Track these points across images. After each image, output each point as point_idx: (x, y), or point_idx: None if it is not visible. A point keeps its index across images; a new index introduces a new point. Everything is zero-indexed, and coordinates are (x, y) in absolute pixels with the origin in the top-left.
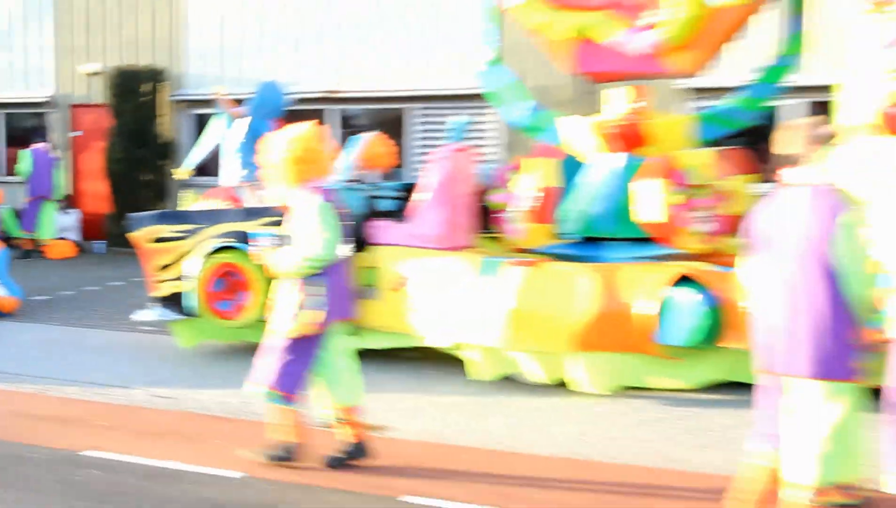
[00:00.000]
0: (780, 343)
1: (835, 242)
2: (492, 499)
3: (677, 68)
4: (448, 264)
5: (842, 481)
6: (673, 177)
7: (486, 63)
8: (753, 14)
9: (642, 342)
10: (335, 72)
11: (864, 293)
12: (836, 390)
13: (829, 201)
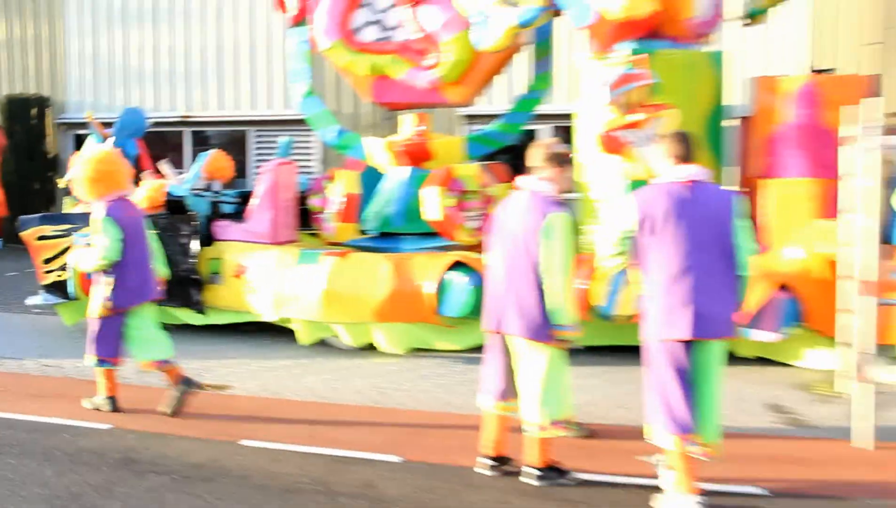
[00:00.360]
0: (501, 310)
1: (540, 235)
2: (309, 440)
3: (453, 99)
4: (276, 254)
5: (559, 417)
6: (450, 185)
7: (302, 95)
8: (512, 56)
9: (428, 313)
10: (188, 100)
11: (551, 283)
12: (540, 348)
13: (542, 204)
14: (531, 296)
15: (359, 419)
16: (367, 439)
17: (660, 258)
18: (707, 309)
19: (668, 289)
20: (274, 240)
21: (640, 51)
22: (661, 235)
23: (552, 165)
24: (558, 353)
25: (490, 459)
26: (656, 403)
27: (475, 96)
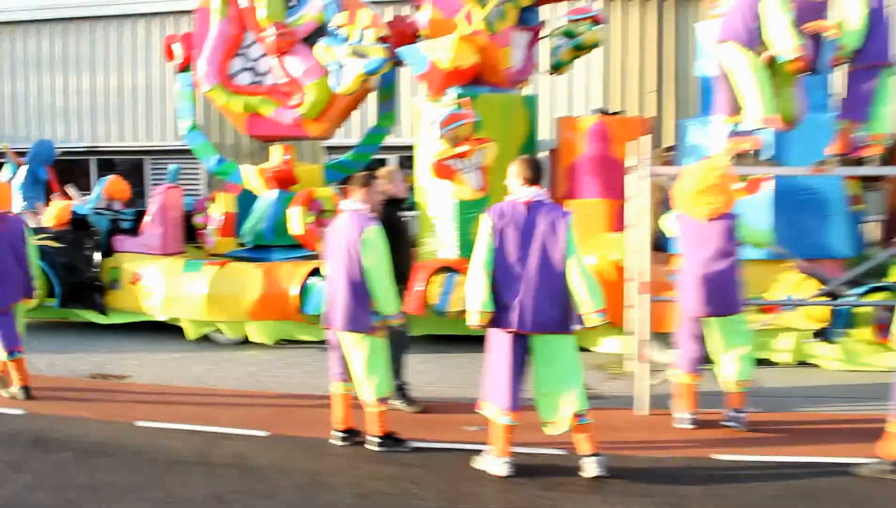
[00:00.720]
0: (332, 309)
1: (359, 247)
2: (193, 420)
3: (314, 133)
4: (166, 264)
5: (385, 394)
6: (311, 205)
7: (187, 130)
8: (364, 97)
9: (293, 312)
10: (94, 131)
11: (377, 283)
12: (361, 338)
13: (359, 221)
14: (352, 296)
15: (236, 402)
16: (241, 417)
17: (502, 263)
18: (535, 308)
19: (505, 289)
20: (164, 252)
21: (466, 94)
22: (504, 243)
23: (361, 188)
24: (377, 341)
25: (340, 432)
26: (489, 382)
27: (333, 130)
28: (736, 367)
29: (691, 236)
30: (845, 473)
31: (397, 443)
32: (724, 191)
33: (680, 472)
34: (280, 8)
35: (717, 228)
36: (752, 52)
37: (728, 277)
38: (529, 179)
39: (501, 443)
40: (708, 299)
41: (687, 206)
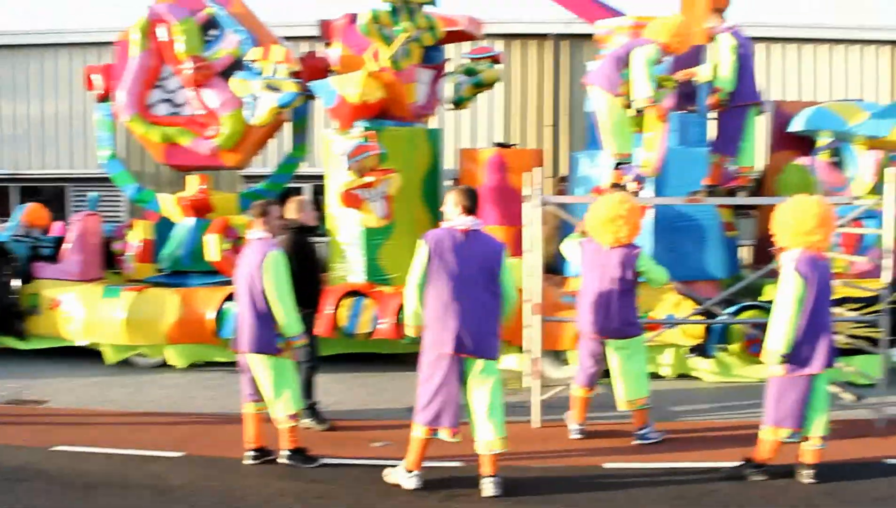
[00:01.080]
0: (239, 332)
1: (260, 273)
2: (111, 443)
3: (230, 163)
4: (85, 290)
5: (294, 411)
6: (227, 232)
7: (106, 158)
8: (278, 128)
9: (209, 335)
10: (16, 159)
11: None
12: (265, 359)
13: (261, 247)
14: (255, 319)
15: (153, 424)
16: (158, 439)
17: (438, 287)
18: (469, 332)
19: (440, 313)
20: (83, 278)
21: (372, 128)
22: (440, 268)
23: (258, 217)
24: (282, 362)
25: (252, 451)
26: (428, 404)
27: (249, 160)
28: (628, 387)
29: (593, 261)
30: (721, 476)
31: (306, 459)
32: (630, 222)
33: (571, 481)
34: (197, 42)
35: (618, 255)
36: (613, 96)
37: (623, 302)
38: (467, 208)
39: (415, 458)
40: (603, 321)
41: (595, 231)
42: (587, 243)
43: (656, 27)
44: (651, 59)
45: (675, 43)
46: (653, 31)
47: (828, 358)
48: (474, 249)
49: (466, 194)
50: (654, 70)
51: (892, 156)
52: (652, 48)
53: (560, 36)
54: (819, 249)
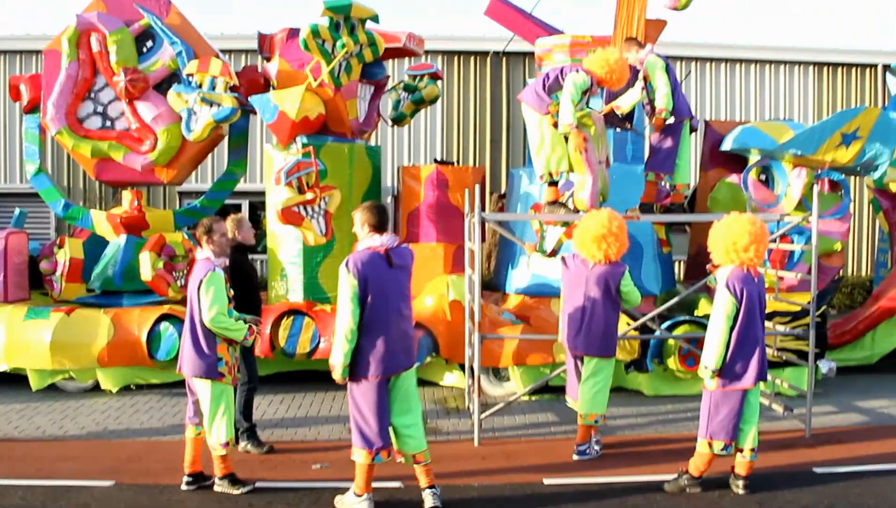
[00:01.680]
0: (181, 354)
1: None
2: (34, 474)
3: (165, 179)
4: (7, 311)
5: (225, 440)
6: (161, 250)
7: (32, 173)
8: (216, 144)
9: (142, 358)
10: None
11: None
12: (204, 383)
13: (202, 267)
14: (193, 341)
15: (80, 453)
16: (86, 468)
17: (373, 312)
18: (402, 349)
19: (372, 335)
20: (6, 299)
21: (312, 144)
22: (372, 294)
23: (205, 235)
24: (220, 386)
25: (190, 475)
26: (355, 426)
27: (185, 176)
28: (587, 401)
29: (577, 277)
30: (658, 489)
31: (235, 483)
32: (619, 240)
33: (511, 498)
34: (132, 53)
35: (603, 272)
36: (542, 115)
37: (608, 319)
38: (374, 226)
39: (363, 481)
40: (585, 337)
41: (583, 248)
42: (571, 260)
43: (594, 60)
44: (580, 87)
45: (609, 79)
46: (590, 63)
47: (760, 372)
48: (397, 266)
49: (372, 212)
50: (580, 99)
51: (819, 174)
52: (583, 77)
53: (499, 53)
54: (752, 265)
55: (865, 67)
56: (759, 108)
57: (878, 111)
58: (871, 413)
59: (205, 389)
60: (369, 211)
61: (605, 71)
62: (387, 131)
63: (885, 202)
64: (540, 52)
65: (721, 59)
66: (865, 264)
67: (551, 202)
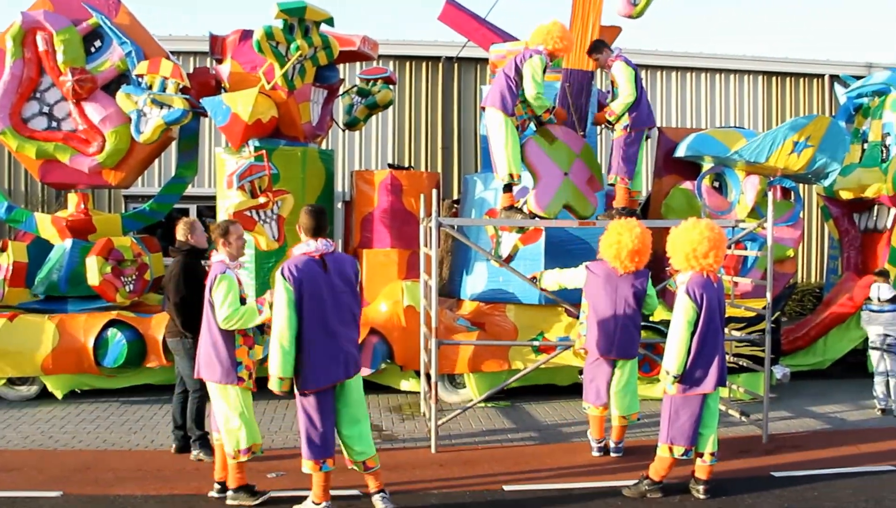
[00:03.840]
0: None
1: (211, 296)
2: None
3: (113, 182)
4: None
5: (243, 447)
6: (109, 254)
7: None
8: (165, 147)
9: (89, 365)
10: None
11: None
12: (220, 389)
13: (215, 269)
14: (210, 345)
15: (25, 463)
16: (31, 479)
17: (308, 318)
18: (336, 360)
19: (311, 344)
20: None
21: (265, 147)
22: (309, 301)
23: (220, 238)
24: (233, 391)
25: (218, 483)
26: (303, 435)
27: (133, 180)
28: (628, 402)
29: (605, 285)
30: (618, 494)
31: (253, 494)
32: (647, 249)
33: (471, 505)
34: (79, 53)
35: (630, 280)
36: (507, 116)
37: (635, 323)
38: (309, 230)
39: (320, 490)
40: (619, 342)
41: (614, 258)
42: (597, 267)
43: (537, 34)
44: (541, 66)
45: (557, 46)
46: (535, 38)
47: (720, 377)
48: (333, 273)
49: (309, 215)
50: (542, 82)
51: (772, 181)
52: (537, 60)
53: (452, 59)
54: (711, 271)
55: (813, 78)
56: (710, 116)
57: (828, 120)
58: (824, 418)
59: (220, 394)
60: (305, 214)
61: (551, 40)
62: (338, 136)
63: (834, 210)
64: (494, 58)
65: (673, 67)
66: (815, 272)
67: (507, 208)
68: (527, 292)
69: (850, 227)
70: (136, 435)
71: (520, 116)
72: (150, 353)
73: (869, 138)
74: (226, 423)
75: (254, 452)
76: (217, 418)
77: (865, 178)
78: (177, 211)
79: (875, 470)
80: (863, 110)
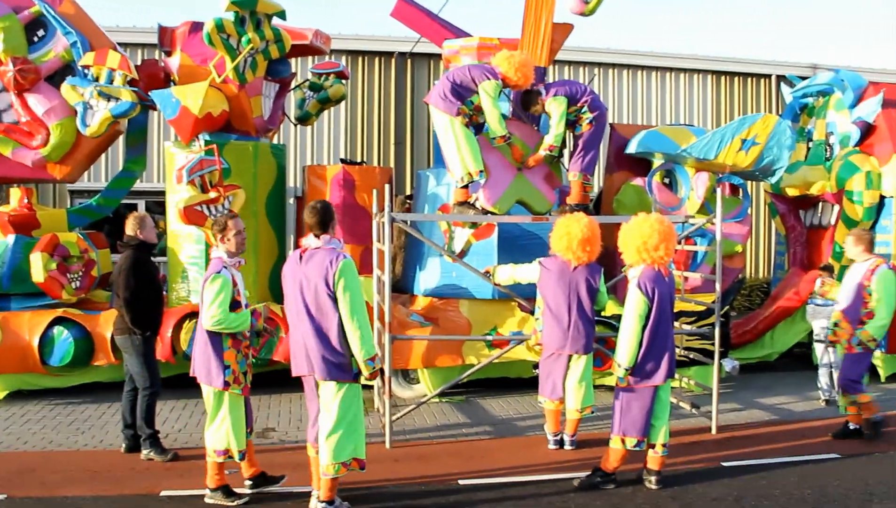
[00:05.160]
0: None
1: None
2: None
3: (58, 176)
4: None
5: (223, 448)
6: (55, 250)
7: None
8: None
9: (34, 363)
10: None
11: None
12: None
13: (213, 268)
14: (200, 345)
15: None
16: None
17: (289, 310)
18: (298, 352)
19: (291, 335)
20: None
21: (215, 141)
22: (287, 294)
23: (217, 234)
24: (223, 394)
25: (249, 479)
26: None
27: (79, 174)
28: (583, 396)
29: (559, 279)
30: (570, 486)
31: (229, 496)
32: (598, 241)
33: (425, 499)
34: (21, 42)
35: (584, 273)
36: (452, 117)
37: (590, 317)
38: (311, 227)
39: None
40: (574, 336)
41: (565, 251)
42: (550, 263)
43: (501, 59)
44: (495, 93)
45: (515, 78)
46: (497, 61)
47: (670, 369)
48: (308, 268)
49: (310, 212)
50: (498, 105)
51: (720, 177)
52: (493, 83)
53: (405, 54)
54: (663, 264)
55: (761, 78)
56: (660, 113)
57: (775, 118)
58: (772, 409)
59: (208, 393)
60: (308, 212)
61: (512, 71)
62: (290, 131)
63: (781, 206)
64: (447, 53)
65: (624, 65)
66: (763, 267)
67: (460, 203)
68: (480, 288)
69: (796, 223)
70: (84, 435)
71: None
72: (98, 351)
73: (814, 137)
74: (209, 422)
75: (229, 456)
76: (208, 413)
77: (810, 175)
78: (125, 206)
79: (820, 458)
80: (808, 110)
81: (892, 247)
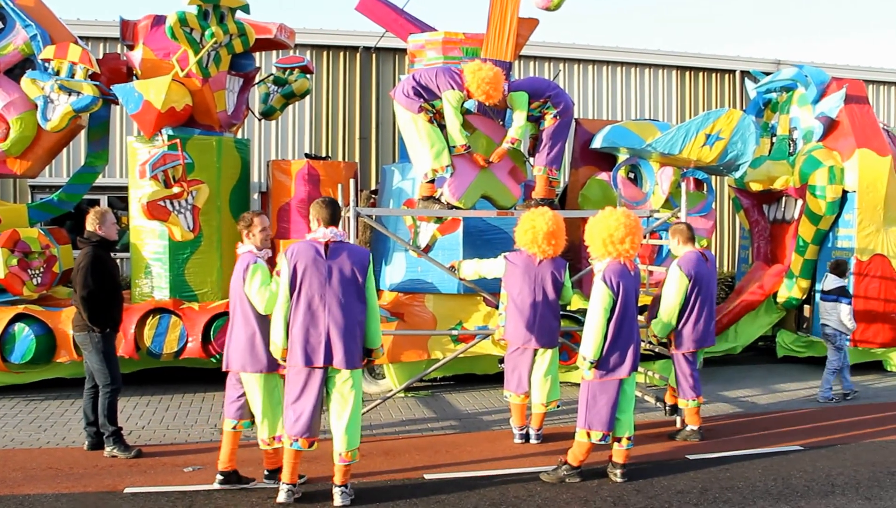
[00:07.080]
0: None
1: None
2: None
3: (17, 171)
4: None
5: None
6: (15, 246)
7: None
8: (74, 135)
9: None
10: None
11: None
12: (254, 378)
13: (245, 261)
14: (247, 336)
15: None
16: None
17: (303, 301)
18: (335, 343)
19: (311, 327)
20: None
21: (178, 136)
22: (304, 282)
23: (244, 230)
24: (276, 379)
25: (221, 473)
26: (296, 416)
27: (40, 169)
28: (549, 389)
29: (525, 273)
30: (535, 479)
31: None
32: (563, 235)
33: (391, 494)
34: None
35: (549, 267)
36: (415, 114)
37: (555, 311)
38: (325, 220)
39: (291, 469)
40: (539, 331)
41: (530, 245)
42: (515, 257)
43: (469, 70)
44: (458, 104)
45: (477, 94)
46: (466, 70)
47: (634, 362)
48: (338, 260)
49: (323, 206)
50: (460, 116)
51: (685, 172)
52: (457, 94)
53: (370, 49)
54: (629, 257)
55: (725, 73)
56: (625, 108)
57: (739, 114)
58: (736, 402)
59: (265, 384)
60: (319, 206)
61: (476, 86)
62: (254, 125)
63: (745, 201)
64: (412, 48)
65: (589, 60)
66: (728, 261)
67: (425, 198)
68: (445, 282)
69: (760, 218)
70: (46, 433)
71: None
72: (60, 347)
73: (777, 132)
74: (263, 411)
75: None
76: (255, 407)
77: (774, 170)
78: (87, 202)
79: (783, 450)
80: (772, 105)
81: (854, 241)
